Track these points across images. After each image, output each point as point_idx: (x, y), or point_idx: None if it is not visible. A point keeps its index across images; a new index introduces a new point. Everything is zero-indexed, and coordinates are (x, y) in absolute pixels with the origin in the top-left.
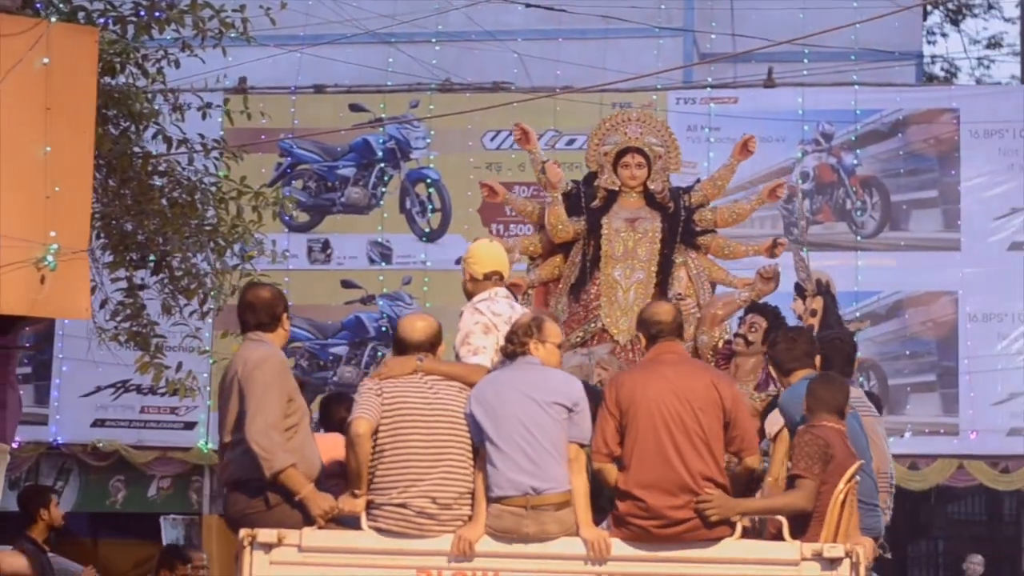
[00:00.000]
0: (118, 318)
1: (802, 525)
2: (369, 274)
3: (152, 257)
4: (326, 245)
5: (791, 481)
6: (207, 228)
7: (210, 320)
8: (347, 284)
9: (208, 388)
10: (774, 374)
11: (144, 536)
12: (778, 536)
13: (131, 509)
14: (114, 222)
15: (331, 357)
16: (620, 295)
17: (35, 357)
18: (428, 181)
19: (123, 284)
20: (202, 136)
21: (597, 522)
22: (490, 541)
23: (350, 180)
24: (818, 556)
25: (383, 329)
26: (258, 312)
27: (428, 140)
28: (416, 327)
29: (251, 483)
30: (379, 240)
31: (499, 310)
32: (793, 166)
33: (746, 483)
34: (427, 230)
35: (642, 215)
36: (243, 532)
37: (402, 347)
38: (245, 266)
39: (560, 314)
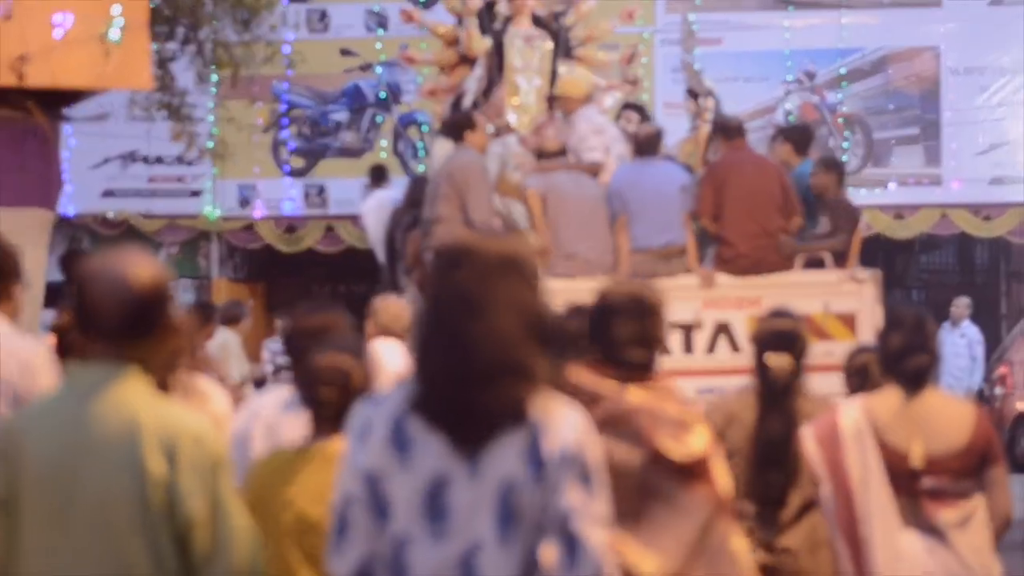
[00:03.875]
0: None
1: (839, 261)
2: (367, 42)
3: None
4: (323, 15)
5: (833, 233)
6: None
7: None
8: (345, 52)
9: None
10: (786, 151)
11: None
12: (817, 266)
13: None
14: None
15: (332, 123)
16: (522, 97)
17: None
18: None
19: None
20: None
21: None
22: None
23: None
24: (852, 278)
25: (381, 96)
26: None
27: None
28: (548, 137)
29: None
30: (375, 9)
31: (601, 119)
32: None
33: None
34: None
35: (534, 34)
36: None
37: (542, 155)
38: (268, 37)
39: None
